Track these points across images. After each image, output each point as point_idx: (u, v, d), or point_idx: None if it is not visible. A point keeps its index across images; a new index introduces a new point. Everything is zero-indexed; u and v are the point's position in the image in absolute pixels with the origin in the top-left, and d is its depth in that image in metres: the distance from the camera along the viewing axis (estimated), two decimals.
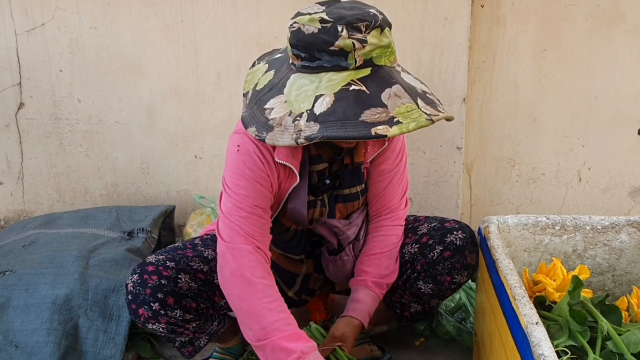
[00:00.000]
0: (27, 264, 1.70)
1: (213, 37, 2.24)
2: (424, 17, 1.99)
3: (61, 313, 1.56)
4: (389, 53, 1.13)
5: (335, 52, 1.07)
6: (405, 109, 1.06)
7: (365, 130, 1.03)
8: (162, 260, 1.34)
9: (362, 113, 1.04)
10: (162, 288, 1.28)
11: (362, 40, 1.07)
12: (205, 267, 1.40)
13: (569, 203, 2.23)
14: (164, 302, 1.28)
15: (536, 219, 1.41)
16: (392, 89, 1.07)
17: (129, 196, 2.51)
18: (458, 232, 1.43)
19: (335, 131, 1.04)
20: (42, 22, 2.33)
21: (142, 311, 1.29)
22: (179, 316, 1.31)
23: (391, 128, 1.03)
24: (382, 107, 1.05)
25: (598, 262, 1.41)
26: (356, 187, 1.46)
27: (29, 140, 2.49)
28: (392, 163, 1.47)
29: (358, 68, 1.09)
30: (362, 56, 1.08)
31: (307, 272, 1.57)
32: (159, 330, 1.34)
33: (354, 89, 1.07)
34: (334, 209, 1.46)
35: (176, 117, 2.37)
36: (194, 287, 1.33)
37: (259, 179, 1.28)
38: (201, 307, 1.36)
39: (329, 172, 1.43)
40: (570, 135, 2.15)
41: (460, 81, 2.04)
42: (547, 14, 2.03)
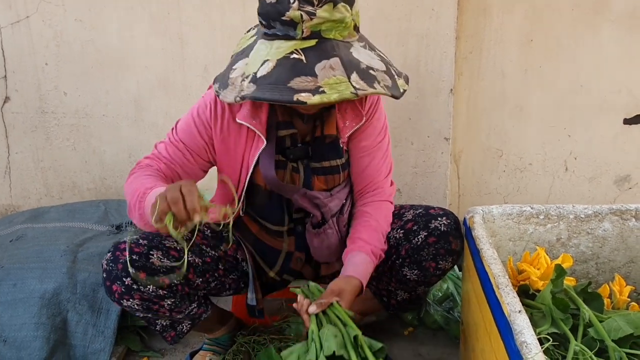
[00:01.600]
0: (14, 258, 1.70)
1: (199, 29, 2.23)
2: (410, 7, 1.99)
3: (49, 307, 1.56)
4: (341, 28, 1.18)
5: (286, 22, 1.14)
6: (334, 81, 1.11)
7: (289, 96, 1.10)
8: (135, 239, 1.38)
9: (292, 80, 1.11)
10: (133, 263, 1.32)
11: (311, 13, 1.13)
12: (179, 246, 1.42)
13: (555, 192, 2.25)
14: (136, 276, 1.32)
15: (520, 208, 1.42)
16: (329, 61, 1.13)
17: (117, 190, 2.50)
18: (442, 218, 1.47)
19: (263, 93, 1.12)
20: (27, 15, 2.30)
21: (116, 287, 1.32)
22: (152, 292, 1.34)
23: (313, 96, 1.09)
24: (312, 76, 1.11)
25: (582, 251, 1.43)
26: (336, 161, 1.48)
27: (15, 135, 2.47)
28: (373, 140, 1.49)
29: (305, 39, 1.16)
30: (309, 28, 1.15)
31: (289, 249, 1.58)
32: (134, 307, 1.36)
33: (294, 58, 1.13)
34: (309, 178, 1.47)
35: (164, 110, 2.36)
36: (166, 263, 1.36)
37: (199, 124, 1.40)
38: (174, 283, 1.38)
39: (302, 141, 1.46)
40: (557, 125, 2.16)
41: (447, 72, 2.05)
42: (533, 4, 2.03)
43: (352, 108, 1.44)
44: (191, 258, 1.43)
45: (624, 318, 1.07)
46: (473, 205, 2.31)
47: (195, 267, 1.44)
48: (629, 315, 1.08)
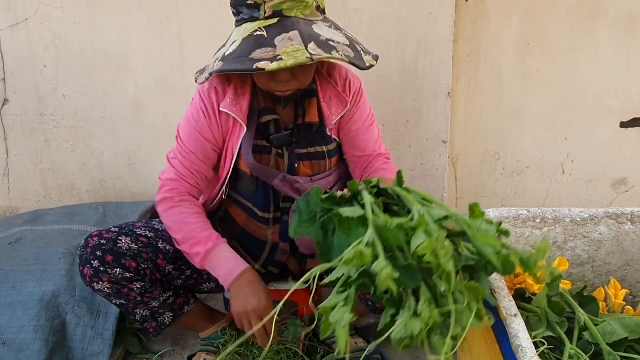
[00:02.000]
0: (13, 261, 1.70)
1: (198, 32, 2.24)
2: (409, 11, 2.00)
3: (48, 310, 1.57)
4: (302, 7, 1.27)
5: (251, 5, 1.25)
6: (292, 50, 1.19)
7: (249, 64, 1.18)
8: (108, 228, 1.47)
9: (254, 52, 1.20)
10: (101, 247, 1.40)
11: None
12: (150, 233, 1.50)
13: (552, 195, 2.26)
14: (103, 259, 1.39)
15: (517, 212, 1.43)
16: (288, 34, 1.22)
17: (116, 192, 2.51)
18: None
19: (228, 66, 1.22)
20: (25, 18, 2.31)
21: (87, 270, 1.40)
22: (119, 274, 1.40)
23: (271, 63, 1.17)
24: (272, 47, 1.20)
25: (578, 254, 1.44)
26: (322, 147, 1.52)
27: (13, 137, 2.48)
28: (363, 123, 1.55)
29: (267, 18, 1.25)
30: (271, 8, 1.24)
31: (274, 239, 1.59)
32: (105, 290, 1.41)
33: (257, 34, 1.23)
34: (293, 163, 1.51)
35: (162, 112, 2.36)
36: (133, 248, 1.43)
37: (200, 129, 1.46)
38: (142, 267, 1.43)
39: (285, 127, 1.50)
40: (554, 128, 2.17)
41: (445, 75, 2.06)
42: (530, 8, 2.05)
43: (336, 95, 1.49)
44: (162, 245, 1.50)
45: (619, 322, 1.08)
46: None
47: (165, 254, 1.50)
48: (624, 319, 1.09)
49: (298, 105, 1.47)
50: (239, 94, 1.44)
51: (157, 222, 1.57)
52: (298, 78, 1.33)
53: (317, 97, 1.47)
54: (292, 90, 1.35)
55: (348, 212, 0.99)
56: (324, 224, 1.06)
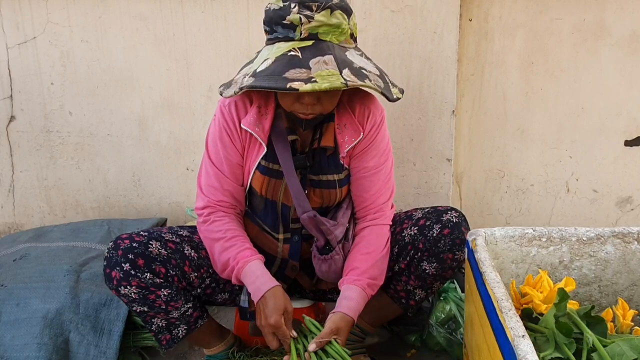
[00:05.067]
0: (17, 278, 1.70)
1: (204, 51, 2.26)
2: (413, 31, 2.02)
3: (52, 328, 1.56)
4: (338, 33, 1.27)
5: (287, 25, 1.25)
6: (327, 73, 1.19)
7: (283, 83, 1.18)
8: (137, 232, 1.47)
9: (288, 71, 1.19)
10: (133, 250, 1.39)
11: (309, 17, 1.24)
12: (177, 239, 1.50)
13: (557, 213, 2.25)
14: (135, 262, 1.38)
15: (523, 231, 1.43)
16: (323, 57, 1.22)
17: (120, 209, 2.51)
18: (452, 212, 1.53)
19: (260, 82, 1.21)
20: (34, 36, 2.34)
21: (115, 273, 1.38)
22: (149, 279, 1.39)
23: (305, 84, 1.16)
24: (306, 68, 1.19)
25: (584, 273, 1.43)
26: (333, 175, 1.51)
27: (19, 153, 2.49)
28: (376, 162, 1.54)
29: (303, 39, 1.25)
30: (307, 30, 1.25)
31: (283, 256, 1.60)
32: (131, 295, 1.40)
33: (291, 54, 1.23)
34: (304, 186, 1.50)
35: (168, 129, 2.38)
36: (163, 254, 1.43)
37: (228, 147, 1.48)
38: (170, 273, 1.43)
39: (301, 150, 1.50)
40: (558, 146, 2.18)
41: (449, 94, 2.06)
42: (533, 28, 2.06)
43: (350, 123, 1.49)
44: (187, 251, 1.50)
45: (627, 343, 1.07)
46: (475, 226, 2.34)
47: (191, 261, 1.50)
48: (632, 340, 1.08)
49: (316, 128, 1.48)
50: (261, 112, 1.45)
51: (180, 228, 1.59)
52: (323, 103, 1.33)
53: (334, 123, 1.48)
54: (315, 114, 1.36)
55: None
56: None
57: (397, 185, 2.11)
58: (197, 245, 1.53)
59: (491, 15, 2.08)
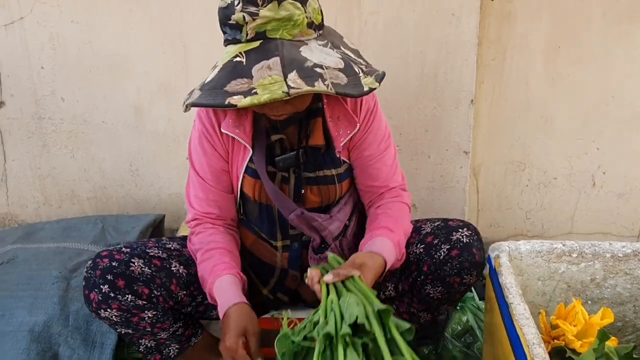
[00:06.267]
0: (3, 285, 1.60)
1: (202, 33, 2.09)
2: (429, 13, 1.84)
3: (39, 342, 1.46)
4: (290, 26, 1.13)
5: (233, 25, 1.13)
6: (269, 81, 1.06)
7: (222, 99, 1.07)
8: (118, 248, 1.36)
9: (229, 83, 1.08)
10: (112, 270, 1.28)
11: (254, 14, 1.10)
12: (163, 254, 1.39)
13: (581, 208, 2.11)
14: (114, 284, 1.27)
15: (551, 245, 1.29)
16: (268, 61, 1.09)
17: (118, 199, 2.39)
18: (463, 229, 1.36)
19: (201, 99, 1.11)
20: (21, 16, 2.18)
21: (94, 295, 1.28)
22: (131, 301, 1.29)
23: (245, 98, 1.05)
24: (248, 77, 1.08)
25: (618, 292, 1.30)
26: (331, 170, 1.39)
27: (11, 141, 2.37)
28: (377, 148, 1.40)
29: (249, 40, 1.13)
30: (253, 29, 1.12)
31: (283, 266, 1.49)
32: (112, 318, 1.30)
33: (236, 61, 1.10)
34: (300, 189, 1.39)
35: (165, 117, 2.24)
36: (146, 272, 1.32)
37: (209, 155, 1.37)
38: (154, 293, 1.32)
39: (290, 147, 1.38)
40: (584, 137, 2.02)
41: (468, 82, 1.90)
42: (561, 8, 1.88)
43: (344, 115, 1.35)
44: (175, 267, 1.39)
45: None
46: (493, 221, 2.21)
47: (179, 278, 1.38)
48: None
49: (302, 125, 1.34)
50: (240, 113, 1.32)
51: (169, 240, 1.47)
52: (292, 102, 1.18)
53: (323, 117, 1.33)
54: (288, 114, 1.21)
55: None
56: None
57: (409, 179, 1.96)
58: (186, 260, 1.41)
59: None
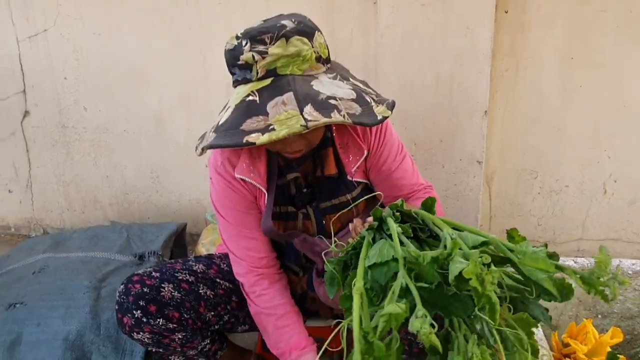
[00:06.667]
0: (37, 295, 1.66)
1: (222, 45, 2.13)
2: (445, 25, 1.88)
3: (73, 350, 1.53)
4: (299, 62, 1.14)
5: (243, 65, 1.14)
6: (285, 116, 1.07)
7: (239, 139, 1.06)
8: (149, 271, 1.38)
9: (244, 122, 1.08)
10: (144, 296, 1.31)
11: (263, 52, 1.11)
12: (191, 277, 1.42)
13: (592, 216, 2.15)
14: (146, 309, 1.31)
15: (563, 262, 1.34)
16: (282, 97, 1.09)
17: (139, 205, 2.46)
18: None
19: (217, 140, 1.10)
20: (44, 28, 2.24)
21: (127, 320, 1.32)
22: (162, 325, 1.32)
23: (262, 135, 1.05)
24: (264, 115, 1.08)
25: (627, 307, 1.35)
26: (345, 196, 1.41)
27: (35, 149, 2.44)
28: (393, 161, 1.41)
29: (260, 79, 1.13)
30: (263, 67, 1.12)
31: (303, 288, 1.53)
32: (144, 340, 1.34)
33: (249, 100, 1.11)
34: (321, 221, 1.42)
35: (185, 126, 2.29)
36: (176, 297, 1.36)
37: (235, 201, 1.37)
38: (184, 317, 1.36)
39: (305, 182, 1.40)
40: (596, 146, 2.05)
41: (482, 93, 1.94)
42: (575, 20, 1.91)
43: (352, 141, 1.37)
44: (203, 290, 1.42)
45: None
46: (506, 227, 2.25)
47: (207, 301, 1.42)
48: None
49: (315, 156, 1.37)
50: (254, 156, 1.33)
51: (195, 261, 1.51)
52: (306, 136, 1.21)
53: (334, 145, 1.36)
54: (303, 150, 1.25)
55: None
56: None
57: None
58: (212, 282, 1.45)
59: (529, 5, 1.92)
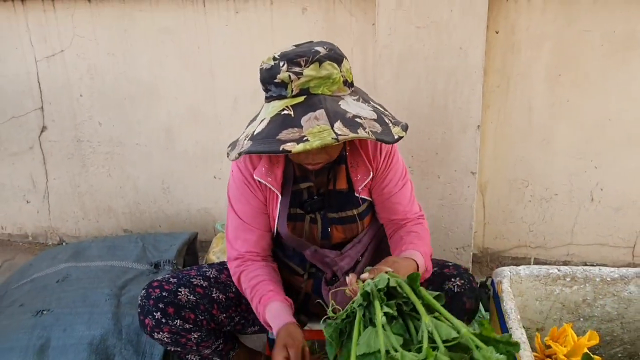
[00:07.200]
0: (62, 302, 1.79)
1: (229, 63, 2.27)
2: (439, 46, 2.00)
3: (98, 353, 1.66)
4: (329, 83, 1.28)
5: (278, 83, 1.26)
6: (318, 130, 1.20)
7: (276, 146, 1.20)
8: (167, 278, 1.53)
9: (280, 133, 1.21)
10: (163, 299, 1.46)
11: (298, 73, 1.25)
12: (204, 282, 1.56)
13: (581, 222, 2.27)
14: (165, 311, 1.45)
15: (547, 270, 1.46)
16: (315, 113, 1.23)
17: (151, 214, 2.59)
18: (456, 279, 1.47)
19: (255, 147, 1.23)
20: (61, 49, 2.37)
21: (148, 321, 1.46)
22: (179, 325, 1.46)
23: (297, 145, 1.18)
24: (298, 127, 1.21)
25: (607, 311, 1.47)
26: (352, 211, 1.54)
27: (52, 162, 2.57)
28: (394, 186, 1.55)
29: (295, 96, 1.26)
30: (298, 86, 1.25)
31: (307, 290, 1.65)
32: (164, 339, 1.48)
33: (284, 114, 1.24)
34: (327, 228, 1.54)
35: (194, 139, 2.42)
36: (192, 300, 1.50)
37: (249, 198, 1.52)
38: (199, 318, 1.50)
39: (317, 192, 1.53)
40: (584, 157, 2.17)
41: (474, 109, 2.06)
42: (562, 39, 2.03)
43: (362, 162, 1.50)
44: (215, 294, 1.56)
45: None
46: (498, 234, 2.38)
47: (219, 303, 1.56)
48: None
49: (329, 171, 1.51)
50: (273, 162, 1.48)
51: (208, 267, 1.65)
52: (328, 151, 1.35)
53: (346, 163, 1.50)
54: (322, 163, 1.39)
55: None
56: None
57: (421, 197, 2.15)
58: (224, 286, 1.58)
59: (518, 27, 2.05)
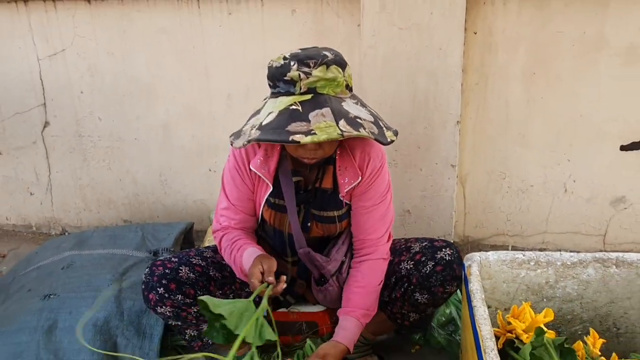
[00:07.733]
0: (67, 287, 1.93)
1: (223, 62, 2.39)
2: (420, 47, 2.13)
3: (102, 333, 1.79)
4: (334, 85, 1.40)
5: (287, 81, 1.38)
6: (325, 125, 1.32)
7: (285, 137, 1.31)
8: (169, 258, 1.70)
9: (289, 125, 1.33)
10: (166, 276, 1.62)
11: (307, 73, 1.37)
12: (202, 262, 1.72)
13: (555, 212, 2.41)
14: (168, 287, 1.62)
15: (514, 255, 1.60)
16: (321, 110, 1.35)
17: (149, 205, 2.72)
18: (446, 249, 1.67)
19: (265, 136, 1.34)
20: (63, 48, 2.48)
21: (152, 296, 1.62)
22: (181, 300, 1.63)
23: (306, 137, 1.30)
24: (306, 121, 1.33)
25: (568, 292, 1.61)
26: (333, 212, 1.68)
27: (55, 156, 2.69)
28: (373, 202, 1.68)
29: (302, 94, 1.38)
30: (306, 85, 1.37)
31: (292, 275, 1.80)
32: (166, 313, 1.64)
33: (292, 108, 1.36)
34: (307, 222, 1.68)
35: (190, 134, 2.55)
36: (191, 277, 1.66)
37: (239, 185, 1.66)
38: (198, 294, 1.66)
39: (304, 187, 1.67)
40: (557, 150, 2.31)
41: (454, 105, 2.19)
42: (536, 40, 2.16)
43: (351, 166, 1.63)
44: (212, 272, 1.72)
45: None
46: (478, 223, 2.52)
47: (215, 281, 1.72)
48: None
49: (318, 169, 1.64)
50: (268, 155, 1.61)
51: (205, 249, 1.80)
52: (324, 147, 1.48)
53: (334, 166, 1.63)
54: (318, 158, 1.52)
55: None
56: None
57: (404, 190, 2.29)
58: (220, 266, 1.74)
59: (495, 28, 2.17)
